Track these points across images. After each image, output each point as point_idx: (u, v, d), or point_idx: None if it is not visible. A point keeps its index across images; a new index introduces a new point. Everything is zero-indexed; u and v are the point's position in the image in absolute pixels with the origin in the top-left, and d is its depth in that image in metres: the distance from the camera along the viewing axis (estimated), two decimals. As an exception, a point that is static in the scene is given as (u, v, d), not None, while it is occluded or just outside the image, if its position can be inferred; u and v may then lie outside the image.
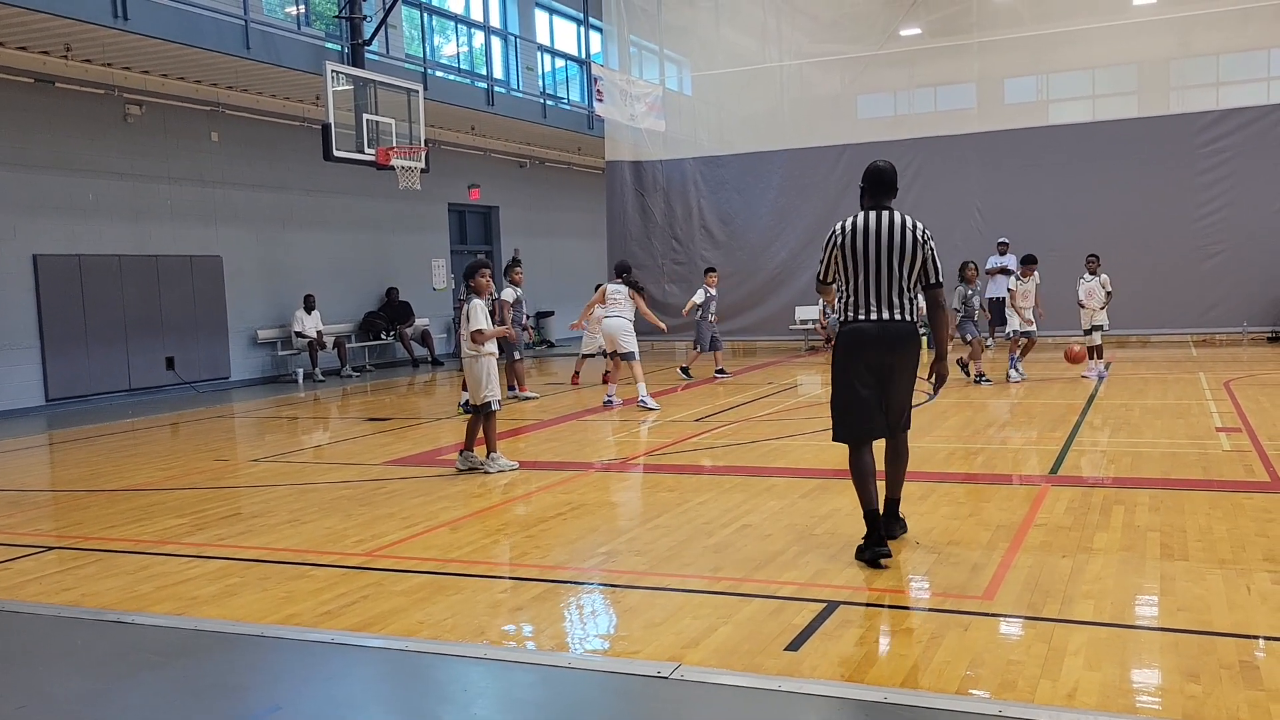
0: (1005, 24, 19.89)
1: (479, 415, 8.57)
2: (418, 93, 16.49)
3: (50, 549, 6.56)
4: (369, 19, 16.63)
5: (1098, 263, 13.72)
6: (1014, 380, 13.36)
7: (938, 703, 3.69)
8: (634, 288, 13.03)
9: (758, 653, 4.20)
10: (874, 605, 4.83)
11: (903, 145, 19.69)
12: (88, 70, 14.81)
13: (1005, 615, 4.58)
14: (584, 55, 25.71)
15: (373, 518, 7.03)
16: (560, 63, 25.34)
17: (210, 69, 15.49)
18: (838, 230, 5.62)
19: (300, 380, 17.64)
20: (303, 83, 16.29)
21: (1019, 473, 7.77)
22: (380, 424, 12.21)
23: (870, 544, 5.44)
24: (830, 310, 5.93)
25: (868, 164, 5.77)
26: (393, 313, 20.18)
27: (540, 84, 23.59)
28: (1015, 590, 4.88)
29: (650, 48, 23.09)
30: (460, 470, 8.54)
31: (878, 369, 5.53)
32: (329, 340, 18.33)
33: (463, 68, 21.80)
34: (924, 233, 5.52)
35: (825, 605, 4.80)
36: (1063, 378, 13.73)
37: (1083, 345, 13.64)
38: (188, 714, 3.98)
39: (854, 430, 5.60)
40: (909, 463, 5.89)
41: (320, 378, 17.77)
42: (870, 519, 5.48)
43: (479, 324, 8.43)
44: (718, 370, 15.72)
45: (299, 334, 17.90)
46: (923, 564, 5.41)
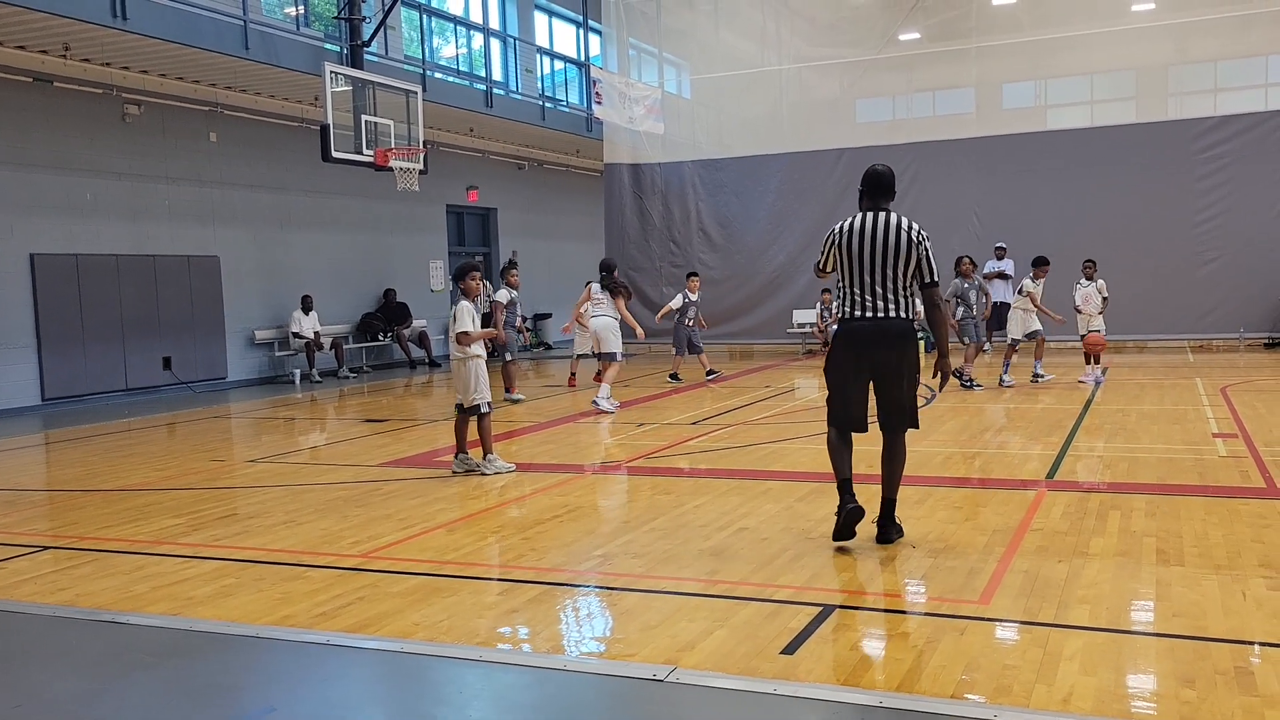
0: (1004, 29, 19.92)
1: (466, 417, 8.57)
2: (416, 94, 16.49)
3: (45, 549, 6.55)
4: (368, 20, 16.63)
5: (1094, 268, 13.74)
6: (1083, 382, 13.25)
7: (934, 707, 3.69)
8: (612, 289, 12.83)
9: (754, 656, 4.20)
10: (870, 609, 4.83)
11: (901, 149, 19.72)
12: (86, 70, 14.80)
13: (1001, 620, 4.58)
14: (583, 58, 25.72)
15: (369, 519, 7.02)
16: (559, 65, 25.36)
17: (209, 69, 15.49)
18: (836, 230, 5.85)
19: (297, 381, 17.63)
20: (301, 83, 16.29)
21: (1016, 477, 7.77)
22: (377, 425, 12.21)
23: (840, 507, 5.79)
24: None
25: (867, 167, 5.96)
26: (390, 314, 20.17)
27: (539, 86, 23.59)
28: (1011, 595, 4.88)
29: (649, 50, 23.11)
30: (457, 473, 8.54)
31: (871, 365, 5.73)
32: (326, 341, 18.33)
33: (462, 69, 21.80)
34: (919, 233, 5.69)
35: (821, 609, 4.80)
36: (1060, 383, 13.75)
37: (1099, 334, 13.45)
38: (182, 714, 3.97)
39: (838, 418, 5.91)
40: (905, 464, 5.95)
41: (317, 379, 17.76)
42: (842, 487, 5.83)
43: (465, 326, 8.44)
44: (708, 373, 15.63)
45: (296, 335, 17.89)
46: (919, 568, 5.41)
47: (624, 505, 7.26)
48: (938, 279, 5.73)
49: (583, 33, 25.90)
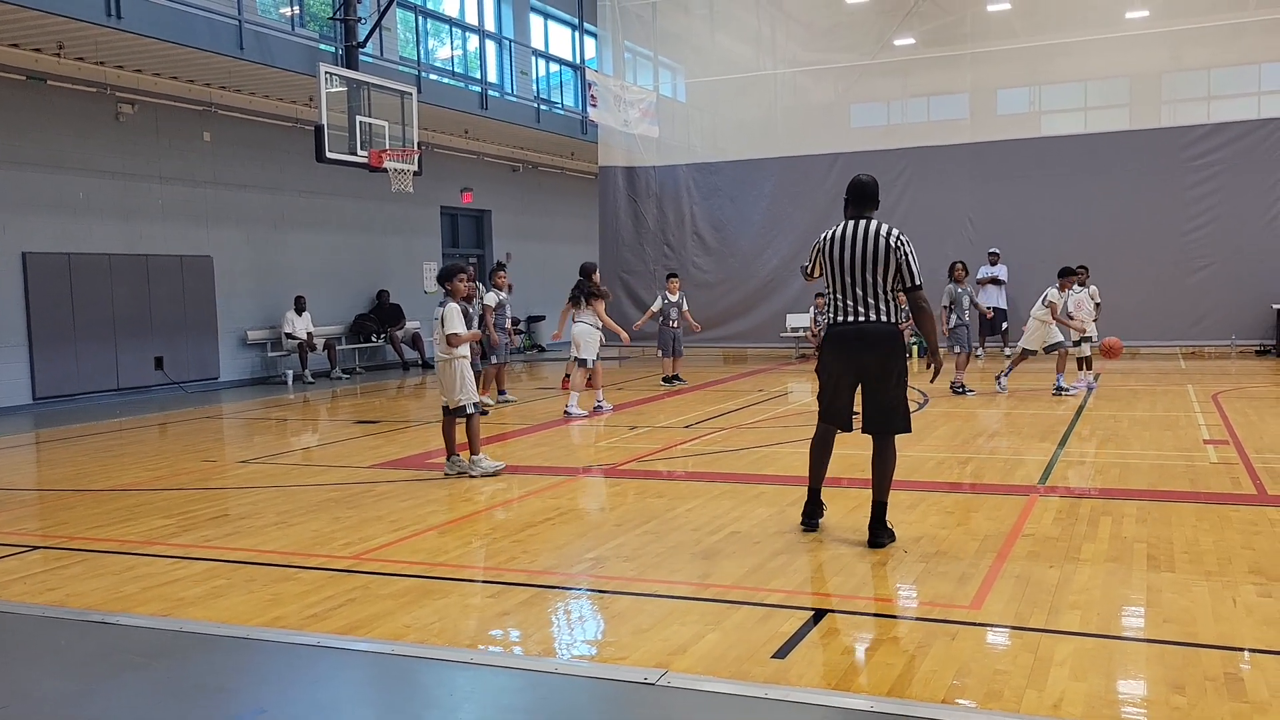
0: (998, 35, 19.97)
1: (453, 419, 8.54)
2: (411, 95, 16.48)
3: (35, 549, 6.53)
4: (363, 21, 16.63)
5: (1086, 274, 13.77)
6: (1078, 390, 13.05)
7: (924, 712, 3.69)
8: (587, 295, 12.71)
9: (745, 660, 4.20)
10: (861, 614, 4.83)
11: (895, 154, 19.77)
12: (80, 68, 14.77)
13: (992, 625, 4.59)
14: (578, 60, 25.73)
15: (360, 520, 7.01)
16: (554, 67, 25.36)
17: (203, 69, 15.47)
18: (822, 238, 6.10)
19: (290, 382, 17.59)
20: (296, 84, 16.27)
21: (1008, 482, 7.78)
22: (369, 426, 12.19)
23: (805, 515, 6.29)
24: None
25: (852, 177, 6.21)
26: (383, 315, 20.15)
27: (534, 88, 23.59)
28: (1002, 600, 4.89)
29: (645, 54, 23.11)
30: (449, 475, 8.53)
31: (856, 368, 5.93)
32: (319, 342, 18.30)
33: (457, 71, 21.79)
34: (898, 239, 5.87)
35: (813, 613, 4.80)
36: (1052, 387, 13.76)
37: (1116, 340, 13.11)
38: (172, 715, 3.96)
39: (825, 415, 6.18)
40: (896, 468, 6.04)
41: (310, 379, 17.73)
42: (809, 497, 6.31)
43: (455, 328, 8.42)
44: (674, 377, 15.60)
45: (289, 335, 17.86)
46: (911, 572, 5.41)
47: (616, 508, 7.25)
48: (920, 282, 5.87)
49: (578, 35, 25.91)
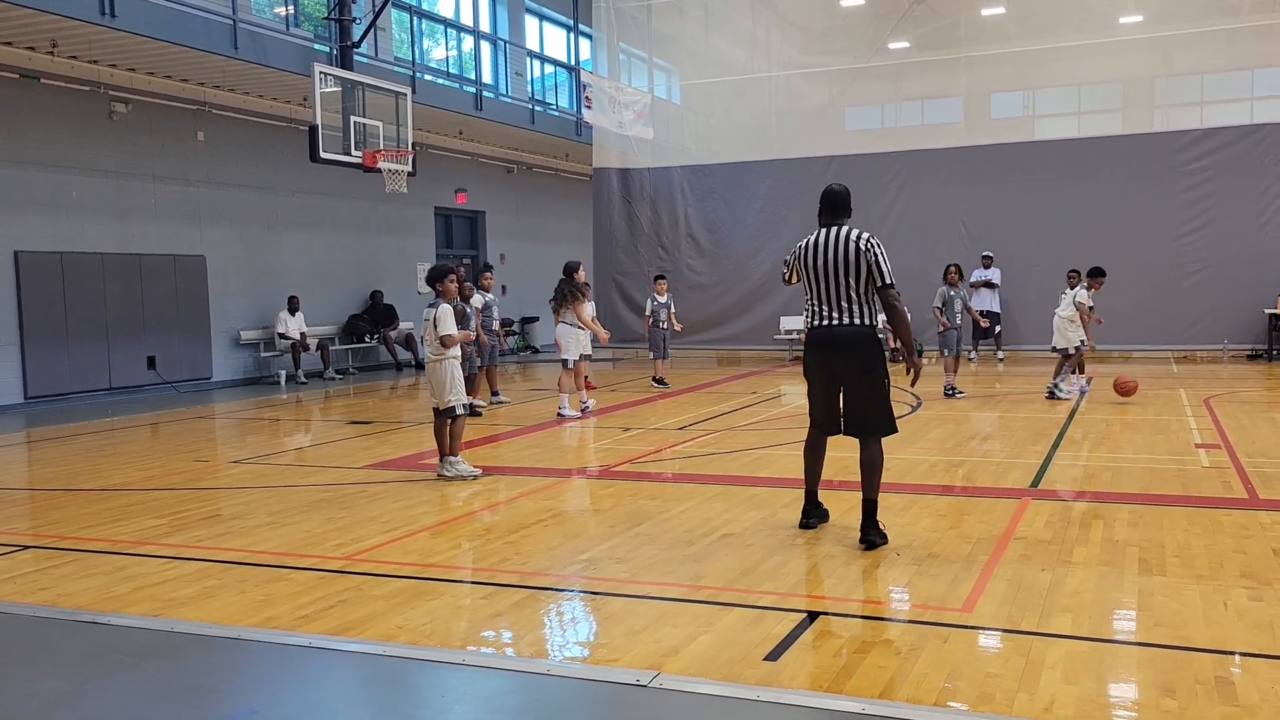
0: (993, 39, 20.01)
1: (445, 420, 8.51)
2: (406, 96, 16.47)
3: (26, 548, 6.51)
4: (358, 21, 16.60)
5: (1079, 278, 13.77)
6: (1071, 394, 12.96)
7: (916, 714, 3.70)
8: (562, 297, 12.64)
9: (737, 662, 4.21)
10: (853, 616, 4.84)
11: (889, 158, 19.82)
12: (74, 67, 14.73)
13: (984, 628, 4.60)
14: (573, 62, 25.73)
15: (353, 521, 7.00)
16: (549, 69, 25.36)
17: (197, 68, 15.43)
18: (799, 247, 6.28)
19: (282, 382, 17.56)
20: (290, 84, 16.25)
21: (1000, 486, 7.79)
22: (362, 427, 12.17)
23: (803, 515, 6.45)
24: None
25: (824, 187, 6.45)
26: (377, 315, 20.12)
27: (529, 90, 23.59)
28: (994, 603, 4.90)
29: (639, 56, 23.13)
30: (443, 476, 8.51)
31: (831, 370, 6.08)
32: (312, 342, 18.27)
33: (451, 72, 21.78)
34: (867, 241, 6.00)
35: (805, 615, 4.81)
36: (1045, 392, 13.80)
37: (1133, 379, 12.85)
38: (163, 716, 3.95)
39: (813, 418, 6.35)
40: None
41: (303, 380, 17.69)
42: (807, 498, 6.45)
43: (449, 329, 8.39)
44: (658, 380, 15.65)
45: (282, 335, 17.83)
46: (903, 575, 5.42)
47: (609, 510, 7.25)
48: (891, 281, 5.97)
49: (573, 37, 25.91)
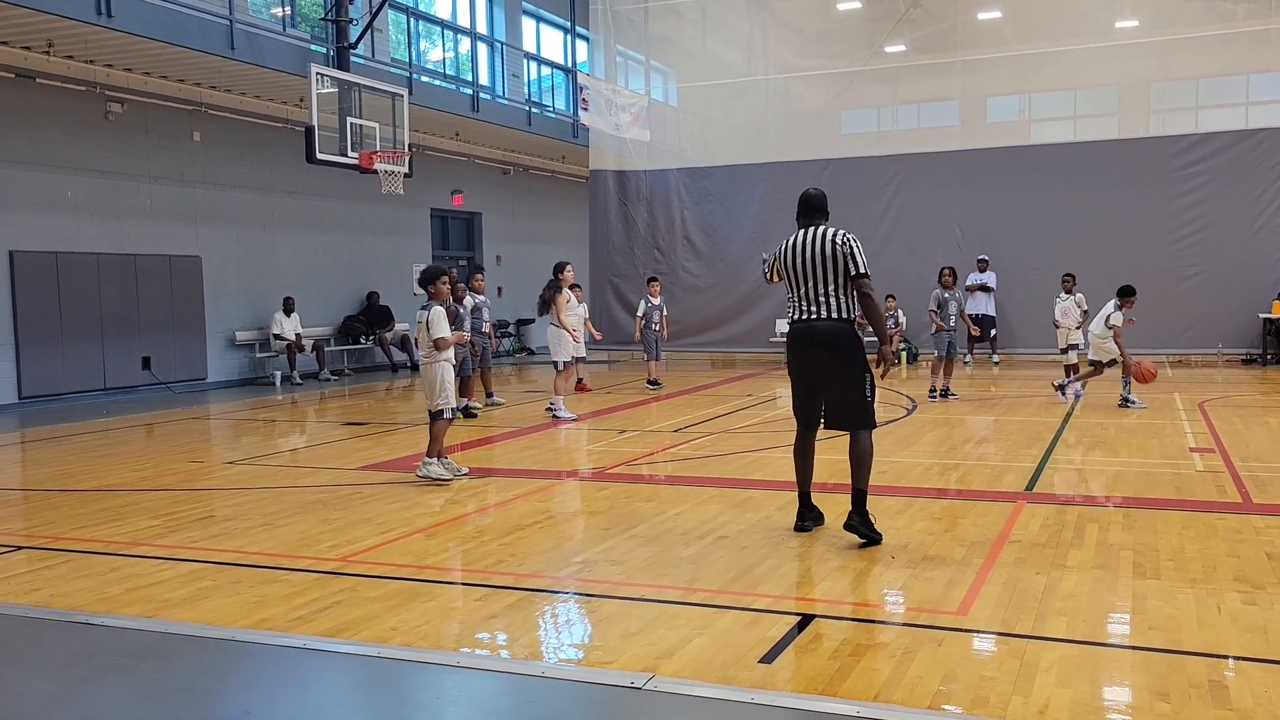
0: (989, 43, 20.03)
1: (443, 422, 8.45)
2: (402, 97, 16.46)
3: (20, 549, 6.49)
4: (355, 22, 16.59)
5: (1073, 282, 13.80)
6: (1136, 406, 12.44)
7: (910, 717, 3.70)
8: (545, 300, 12.74)
9: (732, 665, 4.20)
10: (848, 619, 4.84)
11: (886, 161, 19.84)
12: (70, 67, 14.70)
13: (979, 631, 4.60)
14: (570, 64, 25.74)
15: (348, 523, 6.99)
16: (546, 71, 25.36)
17: (194, 68, 15.42)
18: (779, 247, 6.39)
19: (278, 383, 17.54)
20: (287, 84, 16.24)
21: (995, 489, 7.80)
22: (357, 428, 12.16)
23: (797, 517, 6.43)
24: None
25: (801, 191, 6.52)
26: (372, 317, 20.10)
27: (525, 91, 23.59)
28: (989, 606, 4.90)
29: (636, 58, 23.13)
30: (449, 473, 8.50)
31: (809, 363, 6.20)
32: (308, 343, 18.25)
33: (448, 73, 21.77)
34: (844, 237, 6.13)
35: (800, 618, 4.81)
36: (1040, 395, 13.83)
37: (1152, 363, 12.45)
38: (157, 717, 3.94)
39: (796, 414, 6.42)
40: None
41: (298, 381, 17.67)
42: (800, 500, 6.45)
43: (442, 331, 8.36)
44: (652, 381, 15.68)
45: (277, 336, 17.81)
46: (897, 578, 5.42)
47: (604, 512, 7.24)
48: (865, 271, 6.10)
49: (570, 39, 25.92)
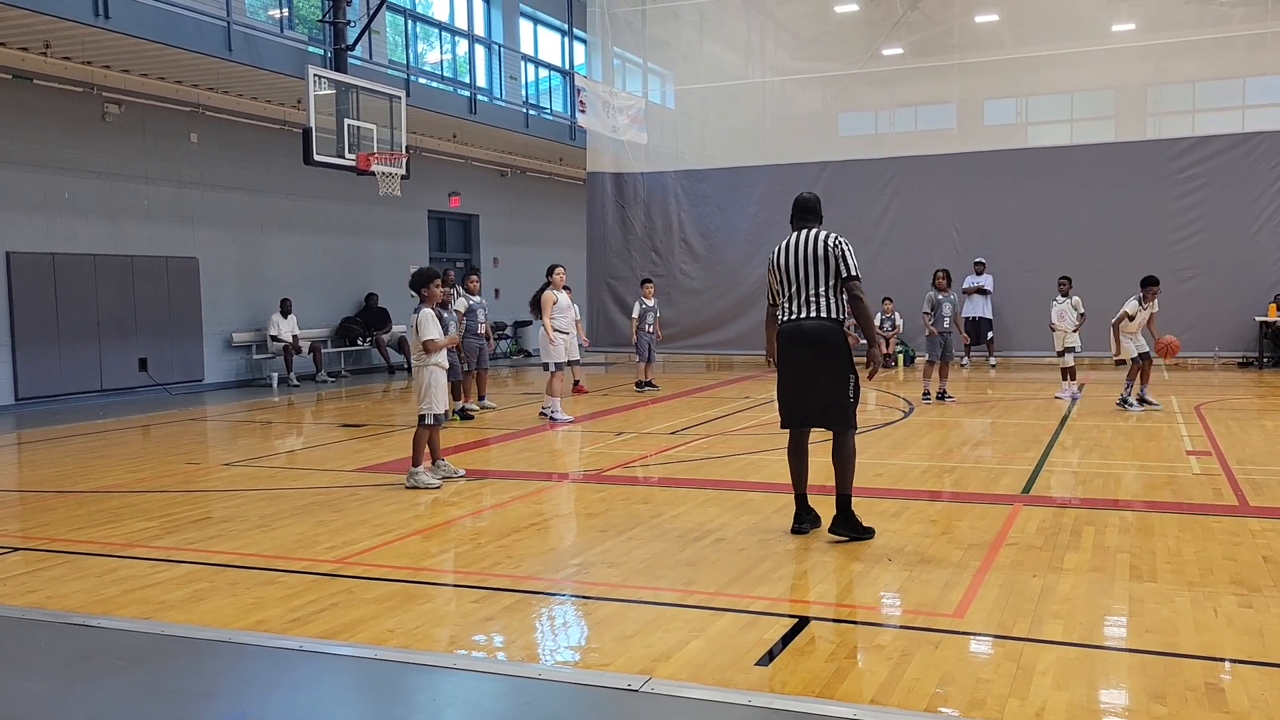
0: (986, 46, 20.06)
1: (424, 427, 8.40)
2: (400, 99, 16.47)
3: (16, 550, 6.48)
4: (352, 24, 16.60)
5: (1070, 285, 13.80)
6: (1138, 409, 12.32)
7: (907, 720, 3.70)
8: (534, 303, 12.69)
9: (729, 667, 4.20)
10: (845, 621, 4.84)
11: (883, 164, 19.85)
12: (67, 68, 14.70)
13: (975, 633, 4.60)
14: (568, 66, 25.75)
15: (345, 524, 6.98)
16: (544, 73, 25.38)
17: (191, 70, 15.42)
18: (771, 253, 6.40)
19: (275, 384, 17.52)
20: (284, 86, 16.24)
21: (992, 492, 7.81)
22: (354, 430, 12.15)
23: (794, 520, 6.39)
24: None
25: (795, 195, 6.56)
26: (370, 319, 20.09)
27: (523, 93, 23.60)
28: (986, 609, 4.90)
29: (634, 60, 23.14)
30: (438, 479, 8.49)
31: (798, 363, 6.20)
32: (305, 345, 18.24)
33: (446, 75, 21.78)
34: (836, 240, 6.18)
35: (797, 621, 4.80)
36: (1037, 398, 13.84)
37: (1172, 337, 12.33)
38: (152, 719, 3.94)
39: (782, 416, 6.42)
40: (855, 463, 6.25)
41: (295, 382, 17.66)
42: (797, 503, 6.42)
43: (430, 334, 8.33)
44: (647, 383, 15.68)
45: (274, 338, 17.80)
46: (894, 581, 5.42)
47: (601, 514, 7.24)
48: (856, 273, 6.14)
49: (568, 41, 25.94)
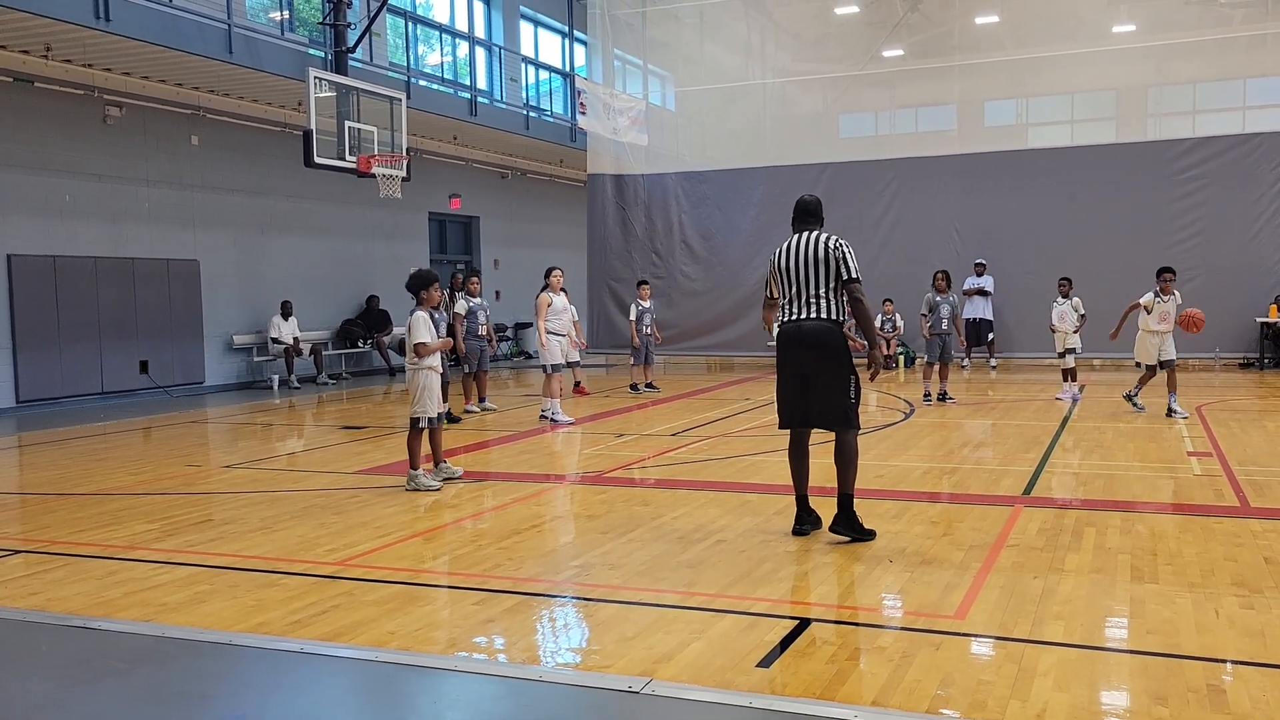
0: (986, 47, 20.07)
1: (417, 431, 8.35)
2: (400, 101, 16.47)
3: (17, 553, 6.48)
4: (353, 26, 16.61)
5: (1070, 286, 13.79)
6: (1142, 410, 12.07)
7: (908, 722, 3.70)
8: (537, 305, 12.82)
9: (729, 669, 4.20)
10: (846, 623, 4.83)
11: (883, 165, 19.85)
12: (68, 70, 14.71)
13: (976, 635, 4.59)
14: (568, 68, 25.76)
15: (345, 527, 6.98)
16: (544, 75, 25.39)
17: (192, 72, 15.42)
18: (773, 254, 6.45)
19: (275, 387, 17.53)
20: (285, 88, 16.24)
21: (992, 493, 7.80)
22: (355, 432, 12.15)
23: (795, 521, 6.41)
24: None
25: (797, 198, 6.62)
26: (370, 321, 20.10)
27: (523, 95, 23.61)
28: (987, 610, 4.90)
29: (634, 62, 23.15)
30: (439, 481, 8.49)
31: (798, 363, 6.23)
32: (305, 347, 18.24)
33: (446, 77, 21.79)
34: (837, 242, 6.23)
35: (798, 622, 4.80)
36: (1038, 399, 13.84)
37: (1196, 311, 12.07)
38: (153, 722, 3.93)
39: (781, 417, 6.44)
40: (858, 463, 6.26)
41: (296, 385, 17.66)
42: (798, 504, 6.43)
43: (422, 337, 8.30)
44: (647, 384, 15.69)
45: (275, 340, 17.80)
46: (895, 582, 5.42)
47: (602, 516, 7.24)
48: (857, 275, 6.19)
49: (568, 43, 25.95)
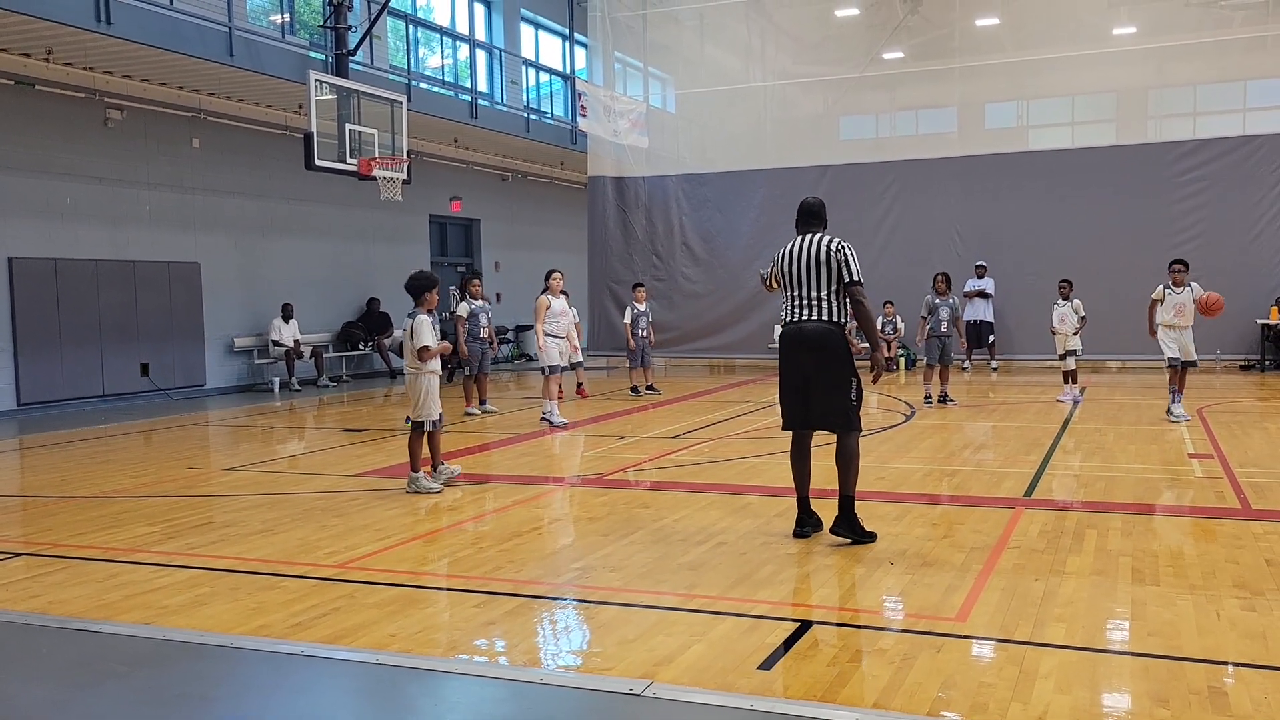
0: (987, 50, 20.07)
1: (419, 433, 8.33)
2: (401, 104, 16.47)
3: (18, 555, 6.48)
4: (354, 29, 16.62)
5: (1070, 288, 13.79)
6: (1178, 419, 11.47)
7: (909, 724, 3.69)
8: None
9: (730, 671, 4.20)
10: (847, 625, 4.83)
11: (884, 167, 19.85)
12: (69, 73, 14.73)
13: (978, 637, 4.59)
14: (569, 70, 25.78)
15: (346, 529, 6.98)
16: (545, 77, 25.40)
17: (193, 75, 15.44)
18: (776, 255, 6.53)
19: (276, 389, 17.53)
20: (286, 91, 16.25)
21: (993, 495, 7.80)
22: (356, 435, 12.15)
23: (796, 523, 6.43)
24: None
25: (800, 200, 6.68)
26: (371, 323, 20.10)
27: (524, 98, 23.62)
28: (988, 612, 4.89)
29: (635, 64, 23.16)
30: (443, 483, 8.49)
31: (800, 365, 6.26)
32: (306, 350, 18.25)
33: (447, 80, 21.80)
34: (840, 245, 6.29)
35: (799, 625, 4.80)
36: (1038, 401, 13.83)
37: (1210, 295, 11.78)
38: (153, 725, 3.93)
39: (784, 418, 6.47)
40: (859, 466, 6.27)
41: (296, 387, 17.67)
42: (799, 505, 6.45)
43: (426, 340, 8.31)
44: (647, 387, 15.70)
45: (276, 343, 17.81)
46: (896, 585, 5.42)
47: (603, 518, 7.23)
48: (859, 279, 6.23)
49: (568, 46, 25.95)
